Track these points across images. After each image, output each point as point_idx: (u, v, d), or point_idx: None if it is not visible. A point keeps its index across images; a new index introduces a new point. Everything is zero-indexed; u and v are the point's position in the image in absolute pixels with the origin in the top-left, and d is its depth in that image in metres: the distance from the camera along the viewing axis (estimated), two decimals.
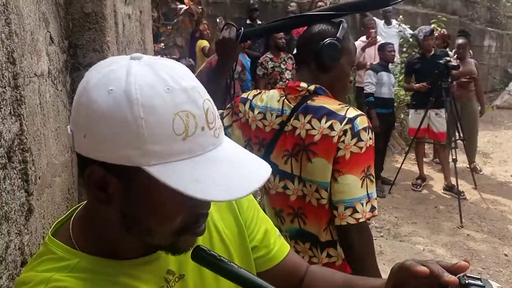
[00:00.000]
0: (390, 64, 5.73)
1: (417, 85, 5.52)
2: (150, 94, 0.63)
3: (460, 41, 5.93)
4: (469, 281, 0.66)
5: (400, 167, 5.80)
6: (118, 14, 1.62)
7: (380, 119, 5.52)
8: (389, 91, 5.55)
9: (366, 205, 1.39)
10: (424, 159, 6.39)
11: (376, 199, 1.43)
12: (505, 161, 6.84)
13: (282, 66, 5.89)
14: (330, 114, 1.44)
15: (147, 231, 0.70)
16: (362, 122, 1.42)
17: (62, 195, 1.29)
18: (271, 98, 1.57)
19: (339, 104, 1.48)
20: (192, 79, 0.69)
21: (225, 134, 1.62)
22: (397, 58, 6.77)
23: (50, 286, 0.67)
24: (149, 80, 0.64)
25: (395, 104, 6.15)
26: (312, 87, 1.50)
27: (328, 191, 1.44)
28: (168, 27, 5.66)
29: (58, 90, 1.28)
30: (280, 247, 0.97)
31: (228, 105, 1.68)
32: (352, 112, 1.44)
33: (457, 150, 5.21)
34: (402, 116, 7.05)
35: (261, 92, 1.64)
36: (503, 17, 9.82)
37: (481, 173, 6.28)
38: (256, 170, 0.70)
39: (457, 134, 5.39)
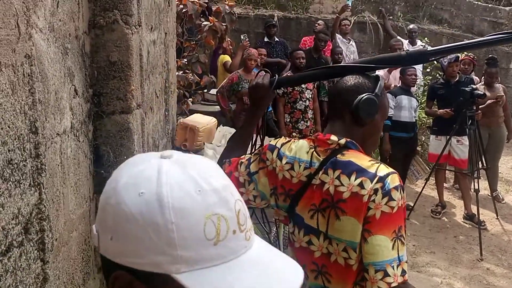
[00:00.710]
0: (411, 87, 5.65)
1: (441, 110, 5.42)
2: (181, 196, 0.61)
3: (490, 69, 5.83)
4: None
5: (420, 193, 5.70)
6: (143, 59, 1.62)
7: (400, 143, 5.45)
8: (410, 115, 5.46)
9: (397, 268, 1.35)
10: (445, 184, 6.27)
11: (406, 262, 1.40)
12: None
13: (303, 85, 5.85)
14: (360, 171, 1.41)
15: None
16: (393, 180, 1.39)
17: (78, 248, 1.28)
18: (300, 148, 1.55)
19: (370, 161, 1.45)
20: (223, 178, 0.67)
21: (251, 180, 1.60)
22: (420, 80, 6.67)
23: None
24: (180, 181, 0.62)
25: (416, 127, 6.06)
26: (342, 141, 1.47)
27: (356, 251, 1.40)
28: (192, 43, 5.68)
29: (80, 141, 1.28)
30: None
31: (256, 152, 1.66)
32: (383, 169, 1.41)
33: (479, 179, 5.10)
34: (423, 139, 6.93)
35: (290, 140, 1.62)
36: None
37: (504, 201, 6.13)
38: (289, 275, 0.67)
39: (480, 163, 5.27)
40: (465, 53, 6.93)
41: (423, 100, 6.51)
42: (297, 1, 8.19)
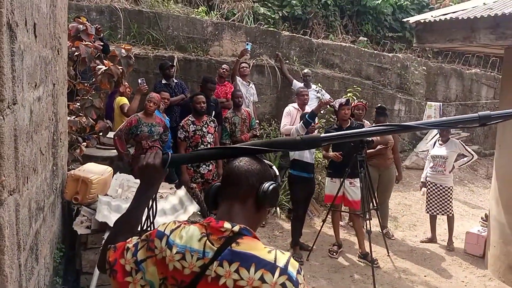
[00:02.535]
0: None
1: (332, 153, 5.72)
2: None
3: (379, 118, 6.32)
4: None
5: (318, 233, 5.88)
6: (18, 140, 1.47)
7: (301, 182, 5.64)
8: (311, 156, 5.72)
9: None
10: (341, 223, 6.55)
11: None
12: (414, 225, 7.19)
13: (204, 130, 5.84)
14: (259, 263, 1.37)
15: None
16: (294, 266, 1.39)
17: None
18: (191, 236, 1.45)
19: (265, 248, 1.43)
20: None
21: (139, 269, 1.47)
22: (316, 124, 6.99)
23: None
24: None
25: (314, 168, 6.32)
26: (236, 228, 1.43)
27: None
28: (86, 85, 5.41)
29: None
30: None
31: (143, 237, 1.54)
32: (280, 257, 1.40)
33: (371, 220, 5.40)
34: (319, 178, 7.22)
35: (180, 226, 1.52)
36: (411, 83, 10.60)
37: (393, 238, 6.54)
38: None
39: (371, 204, 5.60)
40: (354, 98, 7.47)
41: None
42: (197, 43, 8.25)
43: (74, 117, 5.04)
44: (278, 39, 9.04)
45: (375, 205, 5.73)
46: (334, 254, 5.81)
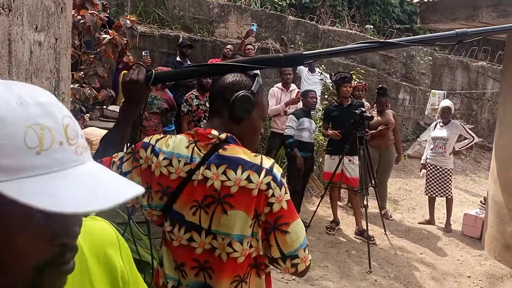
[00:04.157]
0: (312, 111, 5.96)
1: (330, 132, 5.76)
2: None
3: (380, 98, 6.33)
4: None
5: (316, 210, 5.93)
6: (12, 36, 1.52)
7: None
8: (309, 136, 5.75)
9: (306, 250, 1.48)
10: (339, 203, 6.60)
11: None
12: (413, 209, 7.22)
13: (207, 105, 5.89)
14: (245, 164, 1.42)
15: (0, 268, 0.61)
16: (278, 169, 1.45)
17: None
18: (178, 144, 1.50)
19: (251, 153, 1.48)
20: (51, 97, 0.65)
21: None
22: (318, 105, 7.04)
23: None
24: (1, 95, 0.60)
25: (314, 148, 6.36)
26: (223, 135, 1.47)
27: (243, 245, 1.41)
28: (90, 56, 5.48)
29: None
30: None
31: (128, 150, 1.59)
32: (266, 161, 1.45)
33: (368, 196, 5.44)
34: (320, 160, 7.27)
35: (165, 136, 1.57)
36: (416, 73, 10.59)
37: (391, 219, 6.57)
38: (123, 187, 0.65)
39: (369, 181, 5.63)
40: (357, 80, 7.49)
41: (320, 124, 6.86)
42: (203, 24, 8.31)
43: (77, 85, 5.12)
44: (284, 23, 9.07)
45: (372, 182, 5.76)
46: (331, 230, 5.85)
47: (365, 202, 5.30)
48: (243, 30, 8.50)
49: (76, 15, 5.17)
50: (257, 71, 1.67)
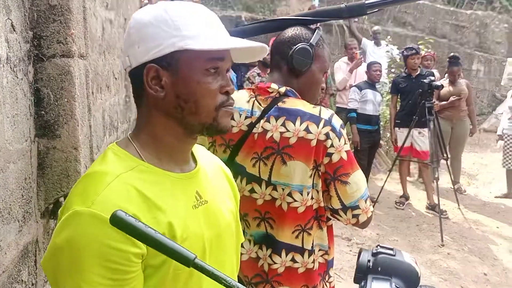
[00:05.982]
0: (377, 84, 5.81)
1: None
2: (177, 4, 0.92)
3: (452, 68, 6.03)
4: (380, 249, 0.69)
5: (383, 185, 5.81)
6: (87, 10, 1.64)
7: (363, 135, 5.57)
8: (374, 108, 5.61)
9: (367, 201, 1.49)
10: (409, 178, 6.41)
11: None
12: (490, 183, 6.87)
13: None
14: (304, 115, 1.44)
15: (195, 107, 0.90)
16: (337, 120, 1.47)
17: (17, 182, 1.29)
18: (240, 98, 1.54)
19: (310, 104, 1.49)
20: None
21: None
22: (385, 78, 6.85)
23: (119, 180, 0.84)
24: None
25: (381, 123, 6.21)
26: (282, 89, 1.50)
27: (303, 195, 1.44)
28: None
29: (17, 78, 1.29)
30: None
31: None
32: (325, 112, 1.46)
33: (439, 169, 5.24)
34: (388, 135, 7.09)
35: None
36: (491, 42, 9.98)
37: (465, 193, 6.30)
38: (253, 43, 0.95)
39: (440, 153, 5.42)
40: (425, 50, 7.18)
41: (387, 98, 6.68)
42: (264, 3, 8.32)
43: None
44: None
45: (444, 155, 5.53)
46: (401, 205, 5.71)
47: (436, 175, 5.12)
48: (305, 8, 8.40)
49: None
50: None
